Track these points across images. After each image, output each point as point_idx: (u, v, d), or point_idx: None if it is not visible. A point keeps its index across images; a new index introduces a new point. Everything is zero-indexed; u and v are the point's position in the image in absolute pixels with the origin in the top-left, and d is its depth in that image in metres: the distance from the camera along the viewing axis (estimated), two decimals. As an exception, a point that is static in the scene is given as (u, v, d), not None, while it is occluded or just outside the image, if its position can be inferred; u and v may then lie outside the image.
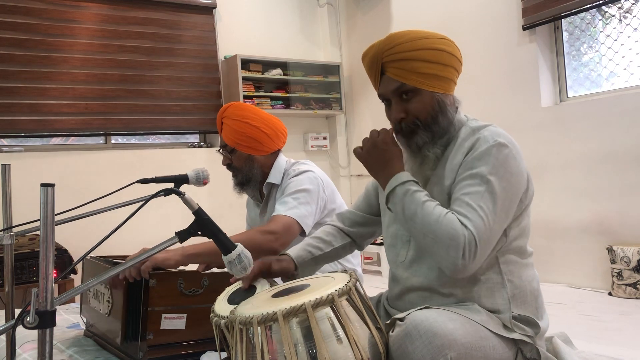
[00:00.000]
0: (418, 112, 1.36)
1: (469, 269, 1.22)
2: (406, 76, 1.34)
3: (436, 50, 1.34)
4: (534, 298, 1.37)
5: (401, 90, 1.36)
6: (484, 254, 1.24)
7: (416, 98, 1.36)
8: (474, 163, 1.29)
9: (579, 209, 3.40)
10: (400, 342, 1.12)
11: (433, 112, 1.36)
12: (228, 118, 2.00)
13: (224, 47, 4.60)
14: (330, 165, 5.23)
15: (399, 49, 1.34)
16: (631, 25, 3.35)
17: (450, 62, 1.36)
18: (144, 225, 3.76)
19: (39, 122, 3.77)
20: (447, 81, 1.37)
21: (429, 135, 1.37)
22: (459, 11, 4.08)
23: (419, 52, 1.34)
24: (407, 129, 1.37)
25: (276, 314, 1.06)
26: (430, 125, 1.36)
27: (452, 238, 1.20)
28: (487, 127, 1.36)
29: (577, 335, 1.84)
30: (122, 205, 1.59)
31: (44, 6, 3.84)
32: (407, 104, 1.37)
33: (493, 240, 1.26)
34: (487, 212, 1.23)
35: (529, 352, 1.31)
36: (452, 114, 1.38)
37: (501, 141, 1.30)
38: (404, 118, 1.37)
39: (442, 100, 1.36)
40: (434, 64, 1.34)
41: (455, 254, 1.20)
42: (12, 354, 1.01)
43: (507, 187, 1.27)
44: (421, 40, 1.35)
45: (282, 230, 1.83)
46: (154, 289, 1.60)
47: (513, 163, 1.29)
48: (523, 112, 3.68)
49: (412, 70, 1.34)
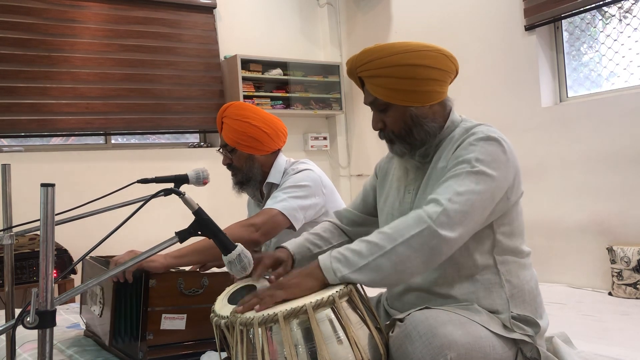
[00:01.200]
0: (392, 126, 1.40)
1: (451, 237, 1.17)
2: (378, 91, 1.38)
3: (409, 66, 1.34)
4: (533, 298, 1.37)
5: (376, 104, 1.40)
6: (462, 220, 1.19)
7: (390, 112, 1.39)
8: (461, 152, 1.30)
9: (579, 209, 3.40)
10: (400, 343, 1.12)
11: (406, 127, 1.38)
12: (228, 117, 2.00)
13: (224, 47, 4.60)
14: (330, 165, 5.22)
15: (370, 66, 1.37)
16: (631, 25, 3.35)
17: (427, 75, 1.35)
18: (144, 225, 3.76)
19: (40, 122, 3.76)
20: (424, 94, 1.36)
21: (406, 147, 1.40)
22: (459, 11, 4.08)
23: (389, 70, 1.35)
24: (386, 138, 1.43)
25: (277, 315, 1.06)
26: (404, 138, 1.39)
27: (417, 218, 1.19)
28: (480, 125, 1.38)
29: (577, 335, 1.84)
30: (122, 205, 1.59)
31: (45, 6, 3.84)
32: (384, 116, 1.41)
33: (473, 213, 1.21)
34: (464, 186, 1.22)
35: (529, 352, 1.31)
36: (430, 125, 1.38)
37: (492, 135, 1.31)
38: (382, 129, 1.42)
39: (416, 114, 1.37)
40: (406, 79, 1.35)
41: (426, 227, 1.16)
42: (12, 354, 1.01)
43: (494, 174, 1.25)
44: (394, 57, 1.35)
45: (263, 222, 1.84)
46: (154, 289, 1.60)
47: (501, 157, 1.29)
48: (523, 112, 3.68)
49: (383, 86, 1.36)
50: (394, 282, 1.19)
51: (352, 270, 1.16)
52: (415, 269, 1.17)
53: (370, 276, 1.16)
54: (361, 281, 1.17)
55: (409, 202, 1.42)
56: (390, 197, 1.49)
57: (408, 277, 1.19)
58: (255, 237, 1.81)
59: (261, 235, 1.83)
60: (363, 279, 1.16)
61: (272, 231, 1.86)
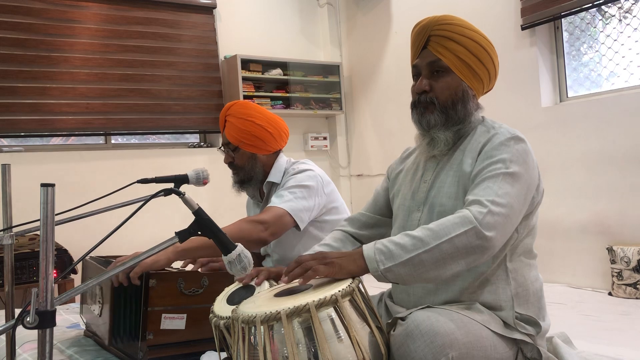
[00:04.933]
0: (441, 91, 1.40)
1: (495, 238, 1.19)
2: (445, 54, 1.39)
3: (480, 46, 1.40)
4: (537, 299, 1.38)
5: (435, 65, 1.41)
6: (505, 223, 1.21)
7: (445, 78, 1.40)
8: (493, 152, 1.32)
9: (579, 209, 3.40)
10: (402, 342, 1.12)
11: (455, 97, 1.40)
12: (232, 116, 2.00)
13: (224, 47, 4.60)
14: (330, 165, 5.22)
15: (449, 28, 1.40)
16: (631, 25, 3.35)
17: (487, 64, 1.41)
18: (144, 225, 3.76)
19: (40, 122, 3.76)
20: (478, 79, 1.42)
21: (442, 118, 1.41)
22: (458, 11, 4.08)
23: (464, 39, 1.39)
24: (424, 103, 1.42)
25: (280, 314, 1.06)
26: (447, 108, 1.40)
27: (463, 218, 1.20)
28: (502, 125, 1.42)
29: (577, 335, 1.84)
30: (122, 205, 1.59)
31: (44, 6, 3.84)
32: (434, 81, 1.41)
33: (513, 215, 1.24)
34: (503, 188, 1.24)
35: (529, 352, 1.31)
36: (471, 108, 1.42)
37: (518, 135, 1.35)
38: (426, 92, 1.42)
39: (467, 91, 1.41)
40: (473, 56, 1.39)
41: (471, 227, 1.17)
42: (12, 354, 1.01)
43: (525, 175, 1.29)
44: (471, 32, 1.41)
45: (272, 220, 1.82)
46: (154, 289, 1.59)
47: (529, 157, 1.33)
48: (523, 112, 3.68)
49: (452, 51, 1.39)
50: (432, 278, 1.20)
51: (395, 264, 1.17)
52: (455, 267, 1.19)
53: (411, 271, 1.17)
54: (402, 275, 1.18)
55: (424, 191, 1.42)
56: (403, 189, 1.50)
57: (448, 275, 1.20)
58: (264, 236, 1.80)
59: (270, 234, 1.81)
60: (404, 272, 1.18)
61: (280, 231, 1.86)
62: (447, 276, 1.20)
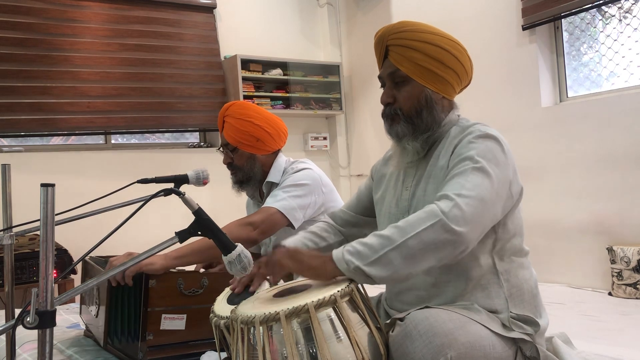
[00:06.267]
0: (404, 102, 1.40)
1: (466, 232, 1.16)
2: (403, 63, 1.37)
3: (439, 49, 1.37)
4: (532, 297, 1.37)
5: (395, 76, 1.40)
6: (476, 216, 1.19)
7: (406, 87, 1.39)
8: (462, 150, 1.31)
9: (579, 209, 3.40)
10: (401, 342, 1.12)
11: (418, 106, 1.38)
12: (230, 117, 2.00)
13: (224, 47, 4.60)
14: (330, 165, 5.22)
15: (404, 36, 1.38)
16: (631, 25, 3.35)
17: (452, 64, 1.38)
18: (144, 225, 3.75)
19: (40, 121, 3.76)
20: (444, 82, 1.38)
21: (409, 128, 1.40)
22: (459, 11, 4.08)
23: (421, 44, 1.36)
24: (390, 115, 1.42)
25: (279, 314, 1.06)
26: (412, 118, 1.39)
27: (429, 212, 1.19)
28: (476, 124, 1.39)
29: (577, 335, 1.84)
30: (122, 205, 1.59)
31: (45, 5, 3.84)
32: (397, 91, 1.40)
33: (485, 208, 1.21)
34: (471, 182, 1.22)
35: (528, 351, 1.31)
36: (439, 114, 1.39)
37: (489, 133, 1.32)
38: (391, 104, 1.42)
39: (430, 97, 1.38)
40: (433, 60, 1.36)
41: (437, 220, 1.16)
42: (12, 354, 1.01)
43: (496, 170, 1.27)
44: (428, 35, 1.38)
45: (261, 220, 1.85)
46: (153, 289, 1.60)
47: (499, 154, 1.30)
48: (523, 112, 3.68)
49: (410, 59, 1.37)
50: (404, 276, 1.18)
51: (365, 263, 1.16)
52: (426, 263, 1.17)
53: (382, 270, 1.16)
54: (374, 275, 1.16)
55: (406, 199, 1.42)
56: (388, 197, 1.49)
57: (419, 271, 1.18)
58: (253, 235, 1.82)
59: (259, 233, 1.84)
60: (375, 272, 1.16)
61: (270, 230, 1.87)
62: (418, 273, 1.19)
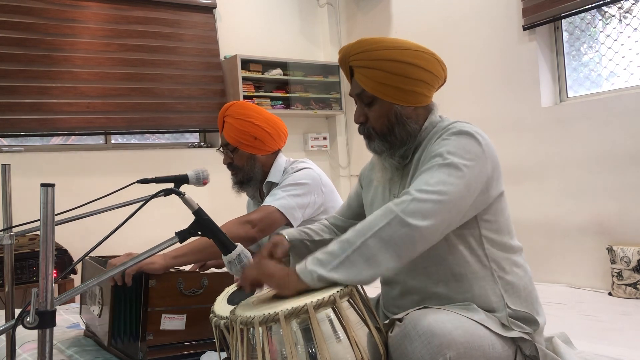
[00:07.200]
0: (375, 121, 1.39)
1: (425, 226, 1.15)
2: (367, 83, 1.37)
3: (402, 63, 1.34)
4: (528, 293, 1.37)
5: (363, 96, 1.40)
6: (437, 210, 1.17)
7: (375, 107, 1.39)
8: (433, 147, 1.30)
9: (579, 209, 3.40)
10: (399, 343, 1.12)
11: (389, 124, 1.38)
12: (230, 117, 2.00)
13: (224, 47, 4.60)
14: (330, 165, 5.22)
15: (363, 57, 1.37)
16: (631, 25, 3.35)
17: (418, 76, 1.35)
18: (144, 225, 3.75)
19: (40, 121, 3.76)
20: (412, 94, 1.36)
21: (385, 145, 1.39)
22: (459, 11, 4.08)
23: (382, 63, 1.34)
24: (366, 133, 1.42)
25: (278, 315, 1.06)
26: (385, 136, 1.38)
27: (385, 210, 1.18)
28: (455, 122, 1.37)
29: (577, 335, 1.84)
30: (122, 205, 1.59)
31: (45, 5, 3.84)
32: (368, 109, 1.40)
33: (450, 202, 1.19)
34: (435, 177, 1.21)
35: (527, 350, 1.31)
36: (412, 126, 1.38)
37: (463, 129, 1.30)
38: (363, 123, 1.42)
39: (400, 113, 1.37)
40: (397, 76, 1.34)
41: (393, 217, 1.15)
42: (12, 354, 1.01)
43: (468, 165, 1.24)
44: (388, 51, 1.35)
45: (260, 218, 1.86)
46: (153, 289, 1.60)
47: (475, 149, 1.27)
48: (523, 112, 3.68)
49: (373, 78, 1.36)
50: (369, 277, 1.16)
51: (328, 270, 1.15)
52: (387, 261, 1.15)
53: (346, 273, 1.14)
54: (338, 280, 1.14)
55: None
56: (376, 204, 1.48)
57: (383, 270, 1.16)
58: (251, 234, 1.83)
59: (258, 232, 1.84)
60: (339, 277, 1.14)
61: (268, 228, 1.87)
62: (383, 272, 1.17)
